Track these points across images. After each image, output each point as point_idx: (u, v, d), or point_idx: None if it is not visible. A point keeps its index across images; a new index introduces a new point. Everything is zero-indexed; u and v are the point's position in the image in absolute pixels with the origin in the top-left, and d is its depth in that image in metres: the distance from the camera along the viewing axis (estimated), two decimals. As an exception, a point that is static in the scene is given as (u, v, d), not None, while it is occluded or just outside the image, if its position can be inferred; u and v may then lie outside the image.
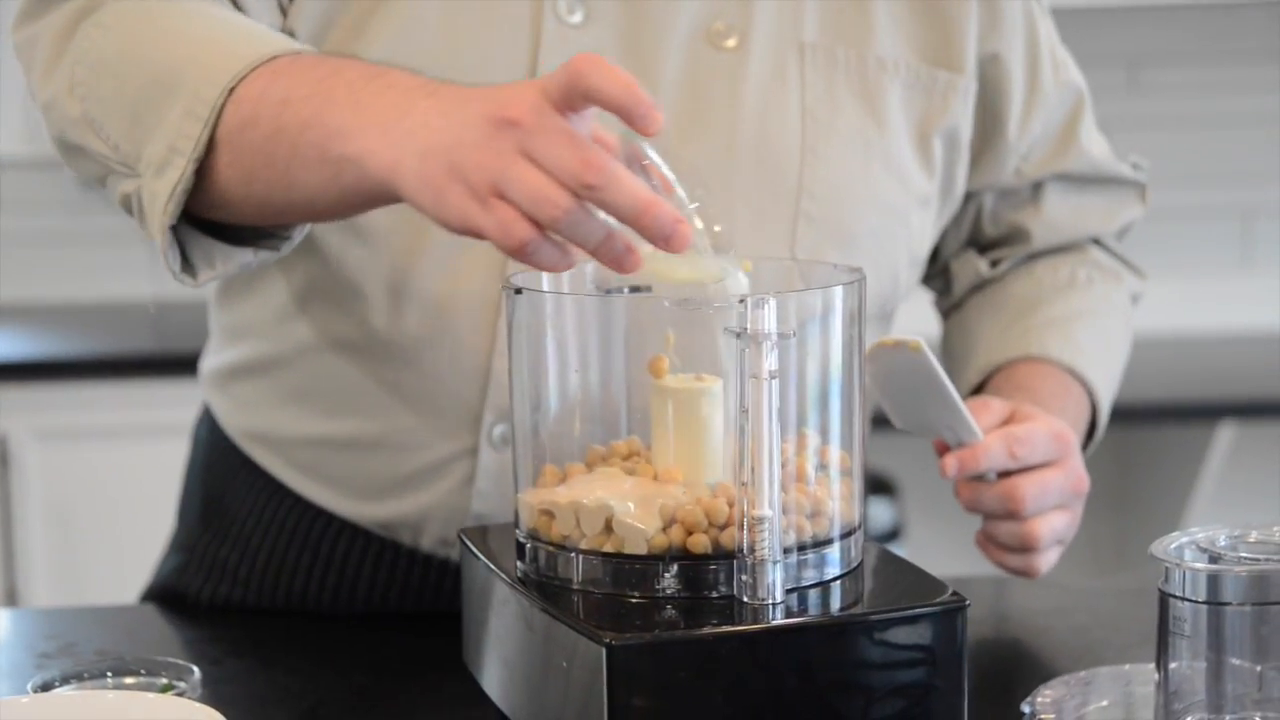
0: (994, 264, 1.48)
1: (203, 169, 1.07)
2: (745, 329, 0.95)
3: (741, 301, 0.96)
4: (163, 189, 1.08)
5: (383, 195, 1.00)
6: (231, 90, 1.05)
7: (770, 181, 1.25)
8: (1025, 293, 1.45)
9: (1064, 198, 1.47)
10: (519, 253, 0.95)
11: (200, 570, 1.38)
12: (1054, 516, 1.24)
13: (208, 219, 1.11)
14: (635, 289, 1.09)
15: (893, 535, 2.95)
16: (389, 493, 1.30)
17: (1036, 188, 1.45)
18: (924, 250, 1.37)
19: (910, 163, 1.31)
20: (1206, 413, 2.85)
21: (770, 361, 0.95)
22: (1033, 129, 1.40)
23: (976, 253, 1.48)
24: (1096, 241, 1.52)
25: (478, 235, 0.95)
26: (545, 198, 0.93)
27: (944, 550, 3.22)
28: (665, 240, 0.94)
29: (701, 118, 1.24)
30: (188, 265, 1.12)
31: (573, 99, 0.94)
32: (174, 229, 1.09)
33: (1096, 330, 1.47)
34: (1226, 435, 2.85)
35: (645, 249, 0.96)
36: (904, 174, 1.31)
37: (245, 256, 1.14)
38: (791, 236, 1.26)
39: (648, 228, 0.93)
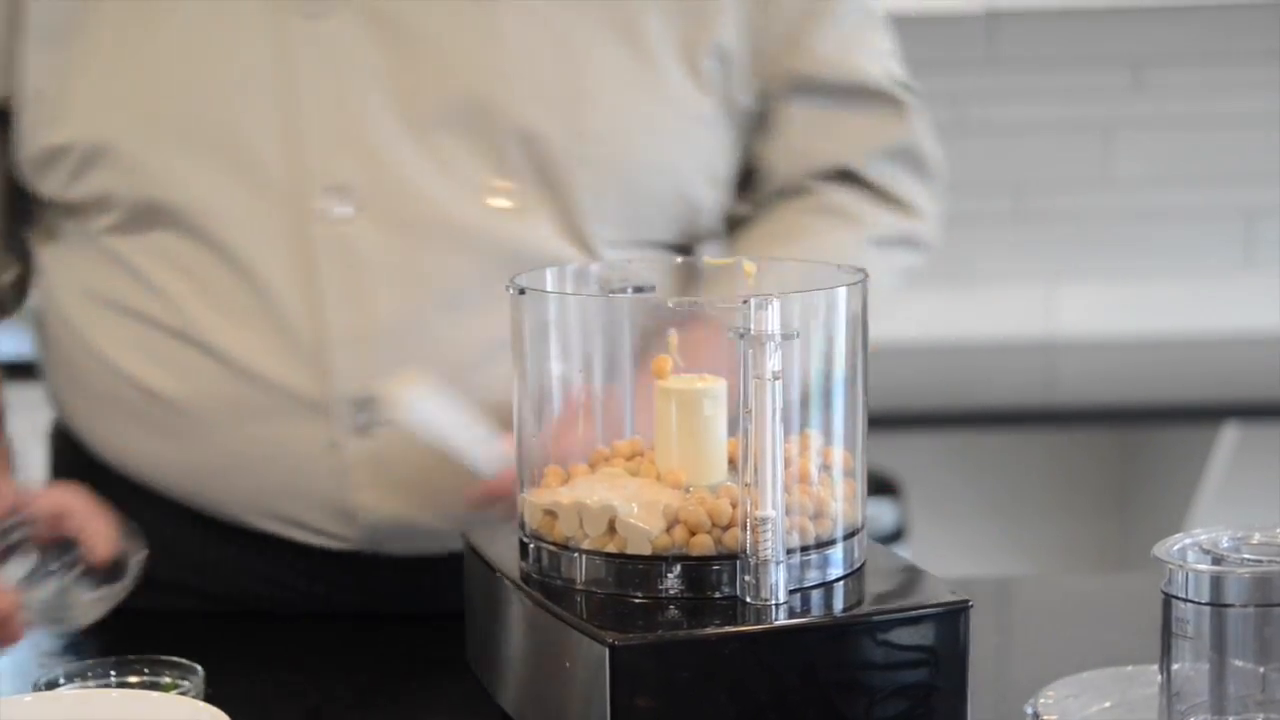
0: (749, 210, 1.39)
1: None
2: (749, 330, 0.96)
3: (745, 302, 0.96)
4: None
5: None
6: None
7: (541, 132, 1.25)
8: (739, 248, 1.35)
9: (805, 116, 1.34)
10: None
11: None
12: None
13: None
14: (639, 289, 1.09)
15: (896, 536, 2.95)
16: (266, 509, 1.29)
17: (774, 108, 1.34)
18: (724, 168, 1.33)
19: (681, 87, 1.28)
20: (1210, 414, 2.85)
21: (774, 362, 0.95)
22: (778, 10, 1.32)
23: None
24: (851, 175, 1.38)
25: None
26: None
27: (947, 551, 3.23)
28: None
29: (459, 76, 1.24)
30: None
31: None
32: None
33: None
34: (1230, 436, 2.85)
35: None
36: (677, 100, 1.28)
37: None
38: (572, 183, 1.25)
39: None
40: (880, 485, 2.95)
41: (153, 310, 1.28)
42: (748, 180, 1.38)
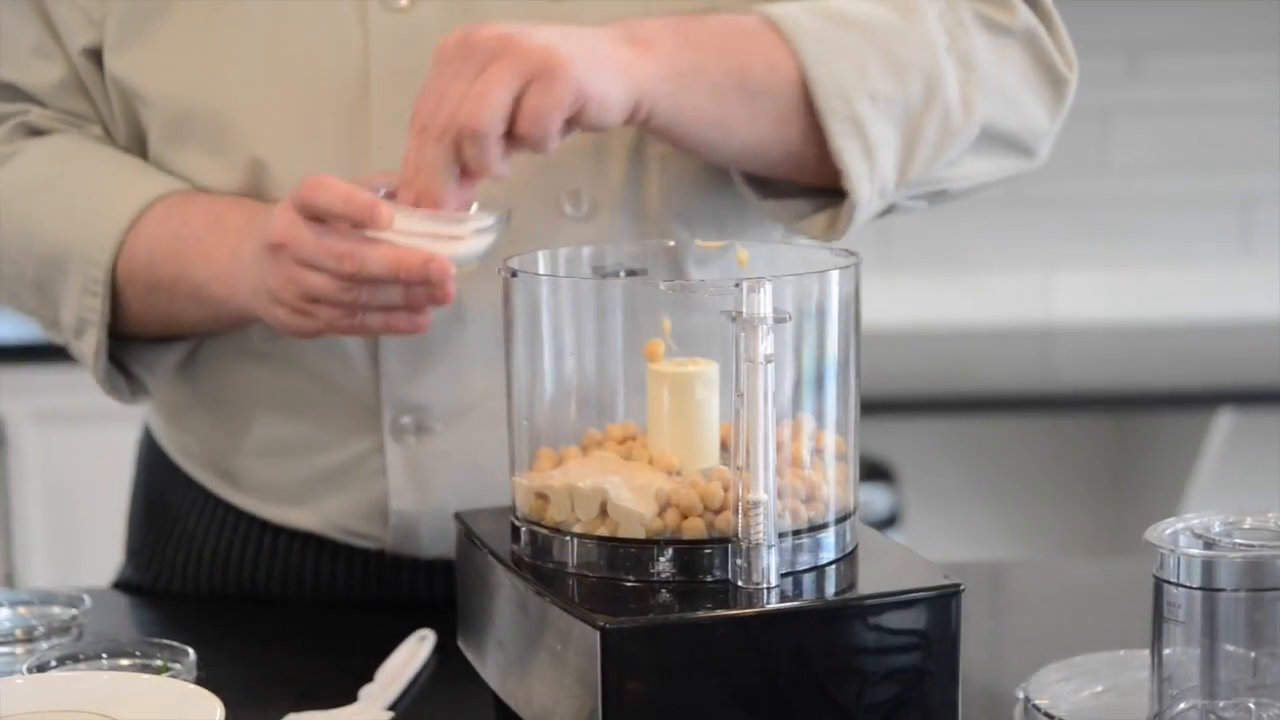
0: None
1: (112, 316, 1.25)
2: (741, 312, 0.95)
3: (737, 285, 0.96)
4: (86, 350, 1.26)
5: (254, 317, 1.20)
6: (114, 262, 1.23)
7: (617, 130, 1.21)
8: None
9: None
10: (357, 332, 1.15)
11: (150, 571, 1.38)
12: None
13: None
14: (631, 272, 1.09)
15: (891, 522, 2.96)
16: (305, 497, 1.30)
17: None
18: None
19: None
20: (1205, 400, 2.86)
21: (766, 345, 0.95)
22: None
23: None
24: None
25: (319, 335, 1.16)
26: (336, 294, 1.12)
27: (942, 537, 3.23)
28: (426, 281, 1.10)
29: None
30: (135, 382, 1.30)
31: (311, 214, 1.11)
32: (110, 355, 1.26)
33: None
34: (1225, 423, 2.86)
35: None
36: None
37: (176, 354, 1.30)
38: (652, 179, 1.24)
39: (407, 282, 1.11)
40: (875, 471, 2.96)
41: None
42: None
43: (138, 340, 1.28)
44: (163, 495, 1.39)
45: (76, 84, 1.29)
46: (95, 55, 1.27)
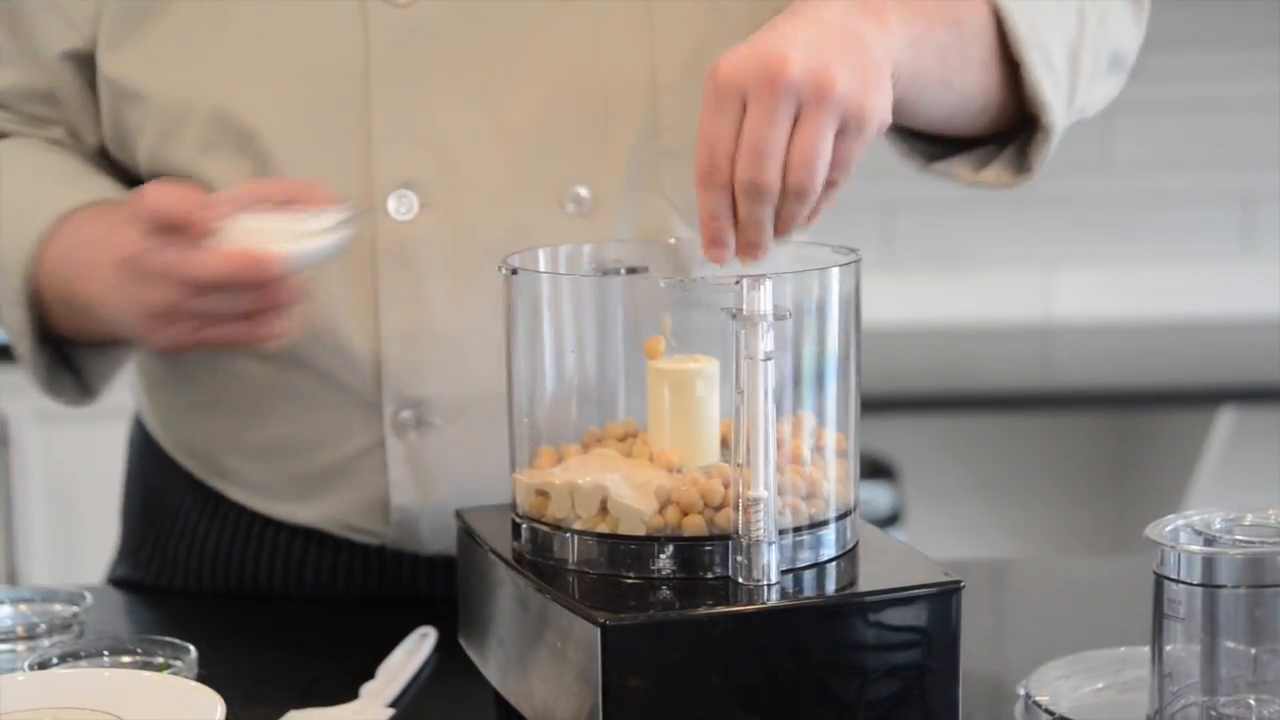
0: None
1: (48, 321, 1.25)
2: (741, 309, 0.95)
3: (737, 282, 0.96)
4: (26, 362, 1.27)
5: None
6: (29, 273, 1.22)
7: (619, 126, 1.22)
8: None
9: None
10: (218, 345, 1.13)
11: (150, 567, 1.38)
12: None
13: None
14: (632, 270, 1.09)
15: (892, 520, 2.96)
16: (307, 494, 1.30)
17: None
18: None
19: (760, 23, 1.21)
20: (1207, 398, 2.86)
21: (766, 342, 0.95)
22: None
23: None
24: None
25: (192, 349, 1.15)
26: (181, 306, 1.10)
27: (944, 534, 3.23)
28: (258, 281, 1.07)
29: (546, 66, 1.22)
30: (82, 383, 1.31)
31: (151, 225, 1.09)
32: (63, 355, 1.28)
33: None
34: (1227, 420, 2.86)
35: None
36: None
37: (120, 355, 1.32)
38: (658, 178, 1.23)
39: (238, 284, 1.08)
40: (877, 469, 2.96)
41: None
42: None
43: (82, 346, 1.28)
44: (160, 491, 1.39)
45: (36, 89, 1.28)
46: (75, 58, 1.26)
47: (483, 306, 1.22)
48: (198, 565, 1.35)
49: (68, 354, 1.29)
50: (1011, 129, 1.21)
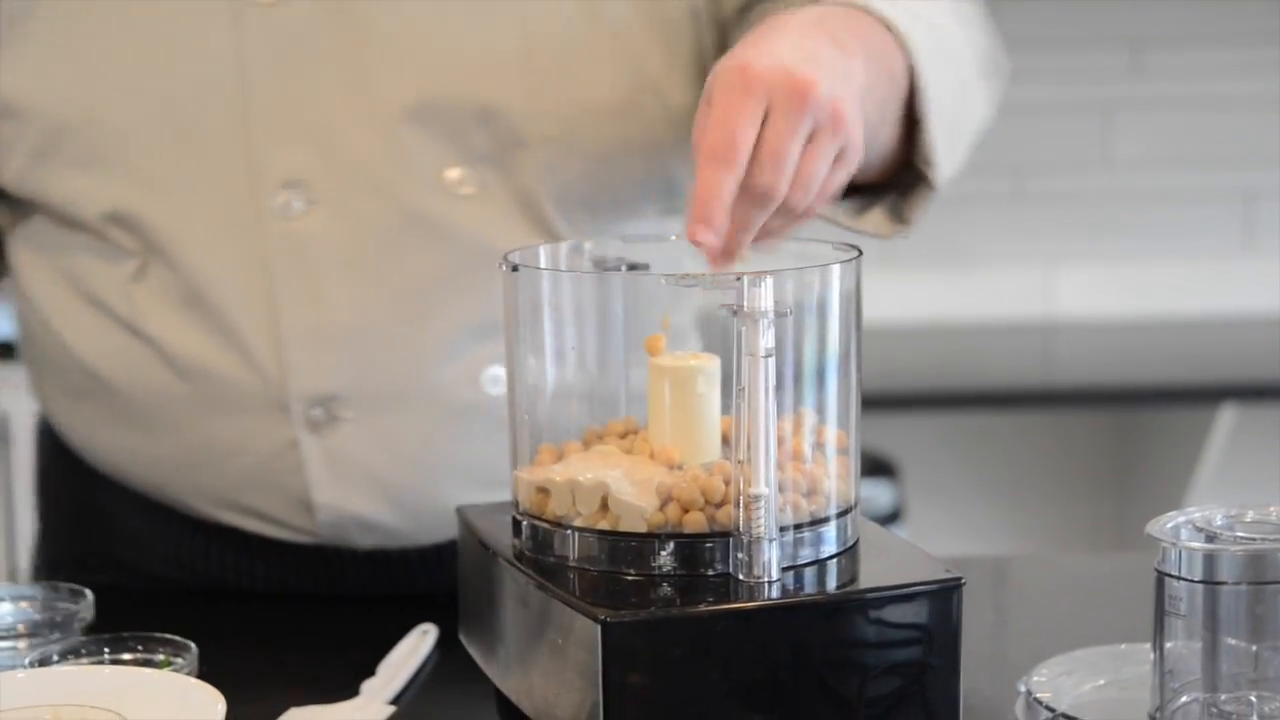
0: None
1: None
2: (742, 306, 0.95)
3: (738, 278, 0.96)
4: None
5: None
6: None
7: (493, 106, 1.22)
8: None
9: None
10: None
11: (87, 569, 1.36)
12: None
13: None
14: (633, 266, 1.09)
15: (894, 517, 2.96)
16: (230, 502, 1.29)
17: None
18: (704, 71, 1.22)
19: (658, 64, 1.24)
20: (1208, 395, 2.86)
21: (766, 339, 0.95)
22: None
23: None
24: None
25: None
26: None
27: (945, 532, 3.23)
28: None
29: (418, 49, 1.21)
30: None
31: None
32: None
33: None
34: (1228, 418, 2.86)
35: None
36: (652, 75, 1.23)
37: None
38: (536, 165, 1.23)
39: None
40: (878, 466, 2.96)
41: (109, 302, 1.26)
42: None
43: None
44: (90, 503, 1.37)
45: None
46: None
47: (382, 295, 1.22)
48: (148, 564, 1.34)
49: None
50: (887, 181, 1.22)
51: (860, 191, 1.22)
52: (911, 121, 1.17)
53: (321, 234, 1.21)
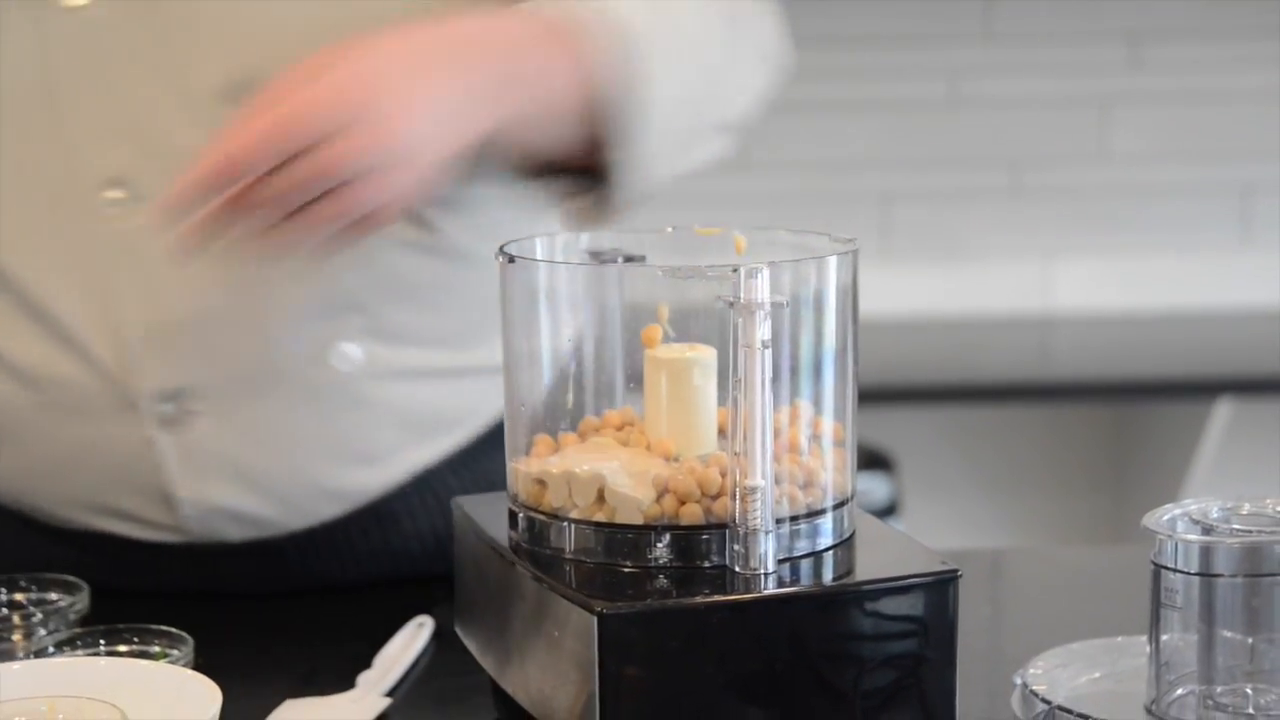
0: None
1: None
2: (738, 298, 0.95)
3: (735, 270, 0.96)
4: None
5: None
6: None
7: None
8: None
9: None
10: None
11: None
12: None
13: None
14: (629, 258, 1.09)
15: (890, 510, 2.96)
16: (96, 506, 1.28)
17: None
18: None
19: None
20: (1205, 389, 2.86)
21: (763, 331, 0.95)
22: None
23: None
24: None
25: None
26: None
27: (942, 526, 3.23)
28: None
29: (229, 35, 1.20)
30: None
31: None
32: None
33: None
34: (1224, 412, 2.86)
35: None
36: (453, 7, 1.17)
37: None
38: None
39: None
40: (874, 460, 2.96)
41: None
42: None
43: None
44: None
45: None
46: None
47: (218, 284, 1.21)
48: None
49: None
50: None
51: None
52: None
53: (150, 229, 1.17)
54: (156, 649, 1.09)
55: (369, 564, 1.31)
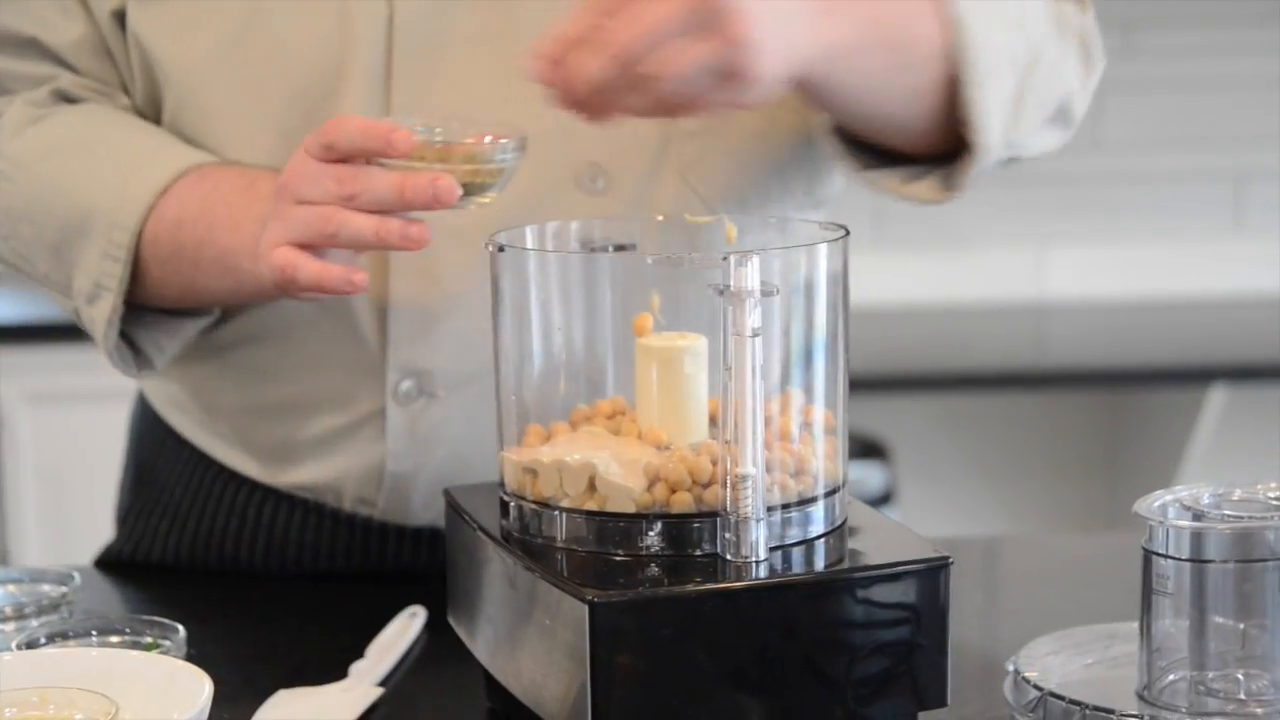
0: None
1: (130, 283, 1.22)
2: (728, 286, 0.95)
3: (725, 258, 0.96)
4: (99, 317, 1.23)
5: (274, 293, 1.16)
6: (141, 227, 1.20)
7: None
8: None
9: None
10: (287, 278, 1.11)
11: (133, 539, 1.38)
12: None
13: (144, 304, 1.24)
14: (620, 247, 1.09)
15: (885, 499, 2.96)
16: (305, 456, 1.30)
17: None
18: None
19: None
20: (1199, 376, 2.86)
21: (753, 319, 0.95)
22: None
23: None
24: None
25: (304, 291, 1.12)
26: (312, 221, 1.10)
27: (936, 514, 3.23)
28: (435, 200, 1.08)
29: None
30: (141, 357, 1.26)
31: (322, 151, 1.10)
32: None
33: None
34: (1218, 398, 2.86)
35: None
36: None
37: (187, 330, 1.27)
38: (675, 157, 1.22)
39: (411, 202, 1.08)
40: (869, 448, 2.96)
41: None
42: None
43: (151, 314, 1.26)
44: (152, 462, 1.39)
45: (99, 43, 1.27)
46: (120, 16, 1.26)
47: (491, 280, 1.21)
48: (178, 539, 1.35)
49: (129, 332, 1.26)
50: (948, 149, 1.20)
51: (914, 161, 1.21)
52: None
53: (442, 212, 1.17)
54: (148, 639, 1.09)
55: None
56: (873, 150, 1.22)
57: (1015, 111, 1.19)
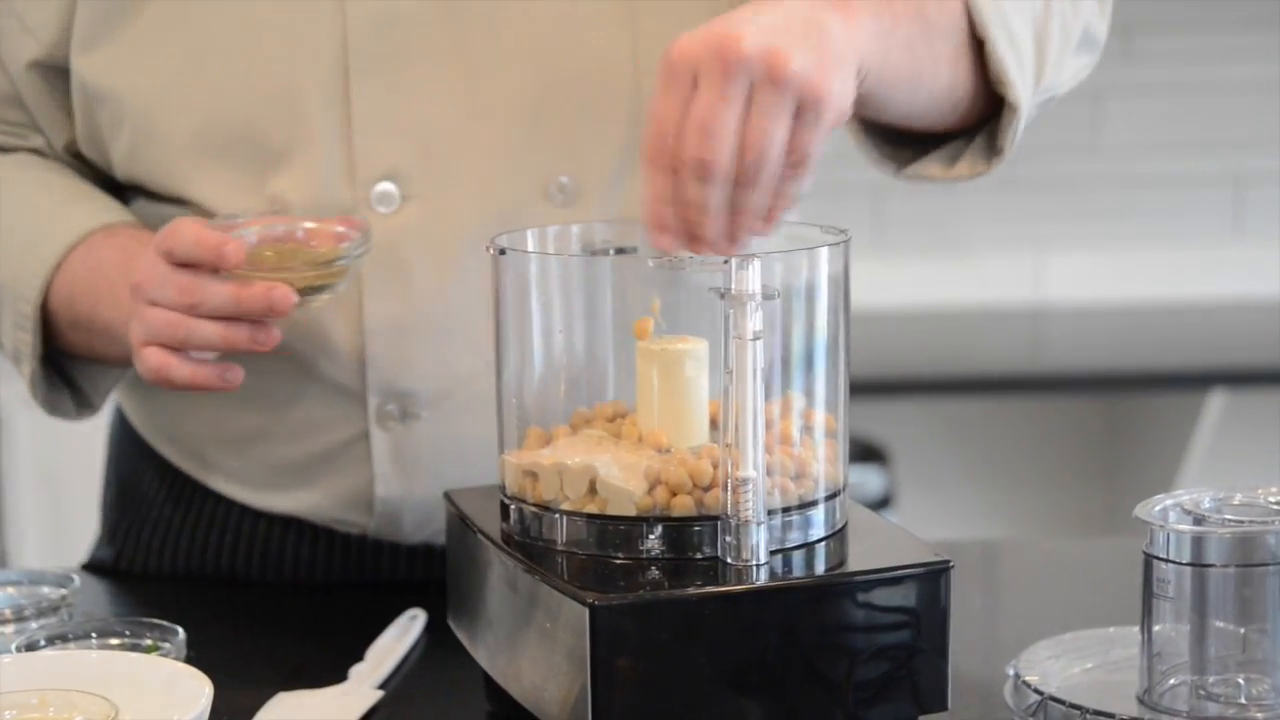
0: None
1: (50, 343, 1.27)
2: (729, 289, 0.95)
3: (726, 262, 0.96)
4: (25, 378, 1.28)
5: None
6: (40, 299, 1.24)
7: (603, 113, 1.21)
8: None
9: None
10: (162, 379, 1.15)
11: (125, 555, 1.38)
12: None
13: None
14: (620, 250, 1.09)
15: (884, 503, 2.96)
16: (290, 484, 1.29)
17: None
18: None
19: None
20: (1198, 380, 2.86)
21: (754, 322, 0.95)
22: None
23: None
24: None
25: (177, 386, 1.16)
26: (163, 328, 1.13)
27: (935, 518, 3.23)
28: (271, 310, 1.11)
29: (527, 53, 1.21)
30: (81, 395, 1.31)
31: (166, 256, 1.13)
32: (58, 371, 1.29)
33: None
34: (1218, 403, 2.86)
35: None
36: None
37: (123, 372, 1.31)
38: (628, 169, 1.21)
39: (249, 313, 1.12)
40: (868, 452, 2.96)
41: None
42: None
43: (82, 360, 1.29)
44: (136, 478, 1.38)
45: (13, 95, 1.28)
46: (38, 67, 1.26)
47: (465, 295, 1.21)
48: (172, 554, 1.35)
49: (69, 373, 1.30)
50: (983, 118, 1.20)
51: (952, 137, 1.20)
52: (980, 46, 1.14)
53: (412, 230, 1.21)
54: (148, 642, 1.09)
55: None
56: (900, 140, 1.21)
57: (1039, 50, 1.18)
